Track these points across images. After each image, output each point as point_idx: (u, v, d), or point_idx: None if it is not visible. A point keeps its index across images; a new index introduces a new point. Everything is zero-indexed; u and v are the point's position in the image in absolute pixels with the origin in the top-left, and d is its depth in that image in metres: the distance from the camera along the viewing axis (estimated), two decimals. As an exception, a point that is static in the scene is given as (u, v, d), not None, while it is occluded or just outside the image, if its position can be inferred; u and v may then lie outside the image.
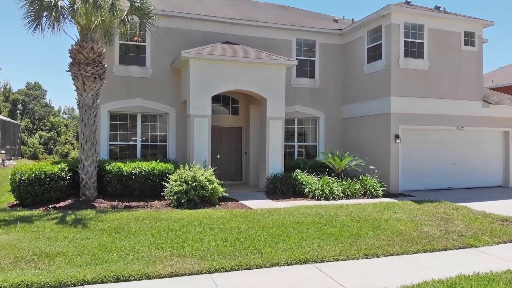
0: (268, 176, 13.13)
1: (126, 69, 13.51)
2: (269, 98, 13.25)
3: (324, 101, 15.91)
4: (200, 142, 12.48)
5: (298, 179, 12.52)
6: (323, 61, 15.89)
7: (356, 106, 15.33)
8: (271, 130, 13.30)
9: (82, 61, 11.18)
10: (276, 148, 13.32)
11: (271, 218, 8.79)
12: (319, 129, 15.90)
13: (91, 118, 11.37)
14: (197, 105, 12.51)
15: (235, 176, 15.56)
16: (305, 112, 15.66)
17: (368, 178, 12.89)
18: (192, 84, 12.46)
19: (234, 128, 15.53)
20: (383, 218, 9.11)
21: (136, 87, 13.60)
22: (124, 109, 13.52)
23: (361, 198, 12.22)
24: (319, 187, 11.90)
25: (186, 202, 10.24)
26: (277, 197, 12.04)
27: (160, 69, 13.86)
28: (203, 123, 12.54)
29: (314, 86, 15.79)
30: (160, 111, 13.87)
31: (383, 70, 13.92)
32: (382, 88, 13.92)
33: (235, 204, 10.82)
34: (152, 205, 10.62)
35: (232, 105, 15.45)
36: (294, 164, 14.09)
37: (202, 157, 12.41)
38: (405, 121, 13.73)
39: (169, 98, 13.94)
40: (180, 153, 13.87)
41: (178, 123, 13.99)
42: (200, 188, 10.49)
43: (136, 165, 11.49)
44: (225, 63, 12.73)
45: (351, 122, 15.62)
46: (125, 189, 11.43)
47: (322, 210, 9.84)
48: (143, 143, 13.83)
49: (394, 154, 13.56)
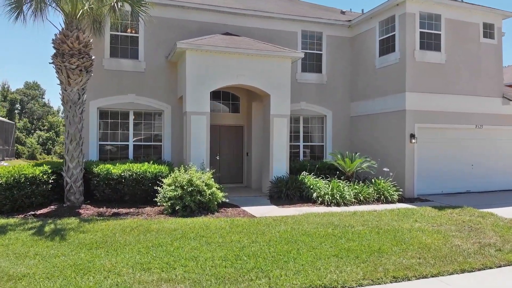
0: (272, 179, 12.02)
1: (117, 63, 12.40)
2: (273, 94, 12.13)
3: (331, 98, 14.78)
4: (197, 142, 11.36)
5: (305, 183, 11.40)
6: (331, 55, 14.76)
7: (367, 103, 14.20)
8: (275, 129, 12.17)
9: (66, 52, 10.10)
10: (280, 149, 12.20)
11: (277, 229, 7.65)
12: (326, 128, 14.77)
13: (77, 115, 10.28)
14: (194, 101, 11.39)
15: (235, 179, 14.44)
16: (311, 109, 14.52)
17: (382, 181, 11.76)
18: (189, 78, 11.34)
19: (235, 127, 14.41)
20: (405, 229, 7.99)
21: (128, 82, 12.48)
22: (115, 106, 12.40)
23: (374, 204, 11.10)
24: (329, 192, 10.77)
25: (181, 209, 9.14)
26: (282, 202, 10.92)
27: (154, 62, 12.74)
28: (201, 121, 11.42)
29: (321, 82, 14.65)
30: (154, 108, 12.75)
31: (397, 64, 12.79)
32: (396, 83, 12.79)
33: (236, 211, 9.71)
34: (144, 212, 9.55)
35: (232, 102, 14.33)
36: (300, 166, 12.96)
37: (199, 158, 11.29)
38: (421, 119, 12.61)
39: (164, 94, 12.82)
40: (176, 154, 12.75)
41: (174, 121, 12.87)
42: (197, 193, 9.38)
43: (127, 167, 10.40)
44: (225, 55, 11.61)
45: (361, 121, 14.49)
46: (114, 193, 10.36)
47: (334, 218, 8.72)
48: (136, 143, 12.72)
49: (409, 155, 12.43)
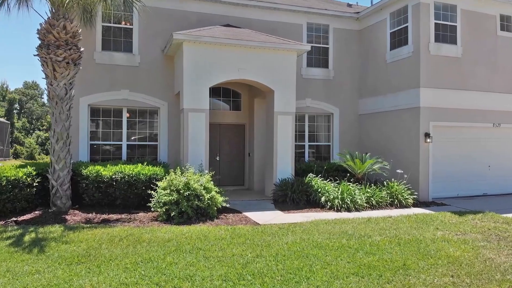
0: (276, 181, 11.14)
1: (109, 56, 11.52)
2: (278, 89, 11.25)
3: (339, 94, 13.90)
4: (195, 142, 10.49)
5: (312, 186, 10.52)
6: (338, 49, 13.88)
7: (377, 100, 13.31)
8: (280, 127, 11.29)
9: (52, 43, 9.25)
10: (285, 149, 11.32)
11: (285, 240, 6.77)
12: (333, 127, 13.89)
13: (64, 112, 9.42)
14: (192, 98, 10.52)
15: (237, 181, 13.56)
16: (317, 107, 13.64)
17: (395, 184, 10.88)
18: (187, 72, 10.46)
19: (236, 126, 13.54)
20: (427, 238, 7.11)
21: (121, 77, 11.61)
22: (107, 102, 11.53)
23: (388, 208, 10.22)
24: (338, 196, 9.89)
25: (177, 215, 8.27)
26: (288, 207, 10.04)
27: (149, 56, 11.87)
28: (199, 118, 10.55)
29: (327, 78, 13.77)
30: (149, 105, 11.87)
31: (410, 58, 11.91)
32: (409, 78, 11.91)
33: (238, 217, 8.83)
34: (136, 218, 8.69)
35: (233, 99, 13.45)
36: (306, 167, 12.08)
37: (197, 159, 10.41)
38: (435, 117, 11.72)
39: (160, 90, 11.94)
40: (173, 155, 11.88)
41: (170, 119, 11.99)
42: (195, 197, 8.51)
43: (118, 168, 9.54)
44: (226, 47, 10.74)
45: (370, 119, 13.61)
46: (105, 197, 9.51)
47: (347, 227, 7.83)
48: (130, 143, 11.84)
49: (424, 156, 11.54)
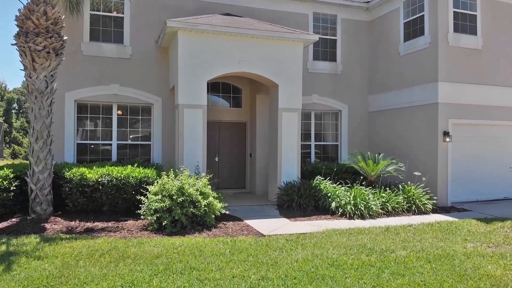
0: (281, 184, 10.14)
1: (98, 47, 10.53)
2: (282, 84, 10.25)
3: (347, 90, 12.89)
4: (192, 141, 9.49)
5: (321, 190, 9.51)
6: (346, 41, 12.88)
7: (388, 96, 12.31)
8: (284, 126, 10.29)
9: (31, 30, 8.29)
10: (290, 149, 10.32)
11: (294, 257, 5.75)
12: (341, 125, 12.88)
13: (44, 107, 8.44)
14: (188, 92, 9.52)
15: (237, 184, 12.56)
16: (324, 103, 12.64)
17: (412, 187, 9.87)
18: (182, 64, 9.47)
19: (237, 124, 12.54)
20: (459, 253, 6.10)
21: (111, 70, 10.61)
22: (95, 98, 10.53)
23: (405, 215, 9.22)
24: (351, 201, 8.89)
25: (170, 224, 7.28)
26: (294, 214, 9.03)
27: (142, 47, 10.87)
28: (196, 115, 9.55)
29: (335, 72, 12.76)
30: (142, 101, 10.87)
31: (427, 49, 10.90)
32: (426, 72, 10.90)
33: (239, 226, 7.83)
34: (125, 226, 7.71)
35: (234, 95, 12.45)
36: (313, 168, 11.07)
37: (194, 160, 9.41)
38: (455, 114, 10.72)
39: (154, 84, 10.95)
40: (168, 156, 10.88)
41: (165, 116, 10.99)
42: (190, 204, 7.51)
43: (105, 171, 8.55)
44: (225, 37, 9.74)
45: (382, 116, 12.60)
46: (90, 203, 8.53)
47: (365, 238, 6.82)
48: (121, 143, 10.84)
49: (442, 157, 10.53)
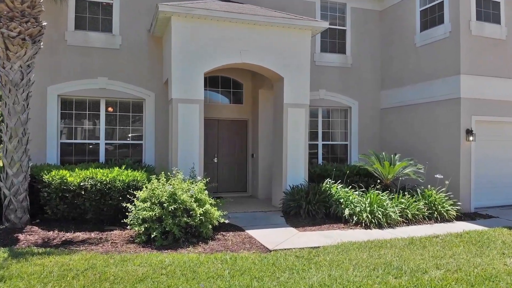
0: (286, 188, 9.12)
1: (84, 37, 9.52)
2: (288, 77, 9.22)
3: (358, 85, 11.86)
4: (187, 140, 8.47)
5: (332, 195, 8.48)
6: (356, 32, 11.85)
7: (403, 91, 11.28)
8: (290, 123, 9.27)
9: (3, 14, 7.32)
10: (297, 149, 9.30)
11: (308, 280, 4.71)
12: (351, 123, 11.85)
13: (19, 102, 7.44)
14: (183, 85, 8.50)
15: (238, 187, 11.54)
16: (333, 99, 11.61)
17: (433, 192, 8.85)
18: (176, 54, 8.45)
19: (237, 122, 11.52)
20: (502, 272, 5.07)
21: (98, 62, 9.60)
22: (81, 92, 9.51)
23: (426, 223, 8.19)
24: (367, 208, 7.86)
25: (160, 236, 6.28)
26: (302, 222, 8.00)
27: (133, 37, 9.86)
28: (191, 111, 8.53)
29: (344, 65, 11.74)
30: (133, 96, 9.85)
31: (447, 39, 9.88)
32: (447, 64, 9.88)
33: (240, 238, 6.81)
34: (109, 238, 6.71)
35: (234, 90, 11.43)
36: (321, 170, 10.04)
37: (189, 161, 8.38)
38: (478, 110, 9.69)
39: (146, 78, 9.93)
40: (161, 157, 9.86)
41: (158, 113, 9.98)
42: (183, 213, 6.50)
43: (89, 173, 7.55)
44: (225, 24, 8.72)
45: (395, 114, 11.56)
46: (72, 210, 7.54)
47: (388, 254, 5.80)
48: (109, 142, 9.82)
49: (465, 158, 9.51)
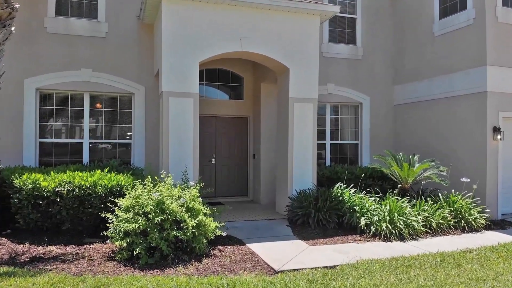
0: (292, 194, 8.09)
1: (66, 24, 8.50)
2: (294, 67, 8.20)
3: (369, 78, 10.83)
4: (179, 139, 7.45)
5: (345, 201, 7.45)
6: (368, 20, 10.83)
7: (420, 85, 10.25)
8: (297, 120, 8.25)
9: (-35, -7, 6.27)
10: (304, 149, 8.28)
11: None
12: (362, 121, 10.82)
13: (-16, 95, 6.43)
14: (175, 76, 7.48)
15: (238, 191, 10.52)
16: (342, 95, 10.58)
17: (459, 197, 7.82)
18: (167, 40, 7.43)
19: (237, 119, 10.51)
20: None
21: (82, 52, 8.59)
22: (63, 86, 8.49)
23: (452, 233, 7.17)
24: (386, 217, 6.83)
25: (145, 253, 5.26)
26: (312, 233, 6.96)
27: (121, 24, 8.84)
28: (185, 106, 7.51)
29: (355, 57, 10.71)
30: (120, 90, 8.83)
31: (470, 26, 8.86)
32: (470, 54, 8.86)
33: (240, 254, 5.79)
34: (86, 254, 5.72)
35: (233, 84, 10.42)
36: (330, 173, 9.01)
37: (182, 163, 7.37)
38: (505, 106, 8.68)
39: (135, 70, 8.91)
40: (152, 157, 8.84)
41: (149, 109, 8.96)
42: (172, 225, 5.48)
43: (66, 177, 6.54)
44: (223, 7, 7.70)
45: (411, 110, 10.54)
46: (46, 219, 6.54)
47: (420, 276, 4.76)
48: (94, 141, 8.80)
49: (492, 158, 8.49)
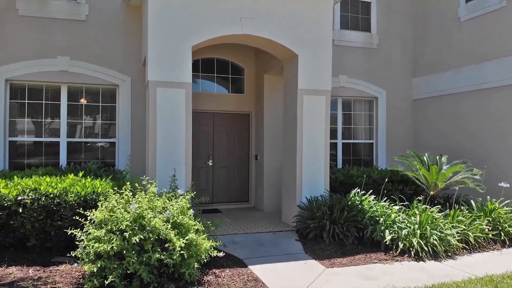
0: (302, 202, 6.95)
1: (41, 5, 7.36)
2: (304, 54, 7.06)
3: (385, 70, 9.69)
4: (169, 137, 6.31)
5: (365, 211, 6.30)
6: (384, 5, 9.68)
7: (444, 77, 9.11)
8: (307, 115, 7.10)
9: None
10: (315, 149, 7.13)
11: None
12: (377, 117, 9.69)
13: None
14: (164, 63, 6.34)
15: (238, 196, 9.39)
16: (355, 88, 9.44)
17: (497, 206, 6.67)
18: (154, 20, 6.28)
19: (237, 116, 9.38)
20: None
21: (59, 37, 7.45)
22: (37, 77, 7.34)
23: (492, 248, 6.02)
24: (416, 231, 5.67)
25: (120, 281, 4.12)
26: (327, 250, 5.81)
27: (104, 5, 7.69)
28: (175, 99, 6.37)
29: (369, 45, 9.57)
30: (102, 81, 7.69)
31: (503, 9, 7.71)
32: (504, 40, 7.71)
33: (241, 281, 4.64)
34: (50, 279, 4.71)
35: (233, 76, 9.28)
36: (345, 177, 7.85)
37: (171, 166, 6.23)
38: (546, 100, 7.57)
39: (120, 58, 7.77)
40: (140, 159, 7.70)
41: (135, 103, 7.82)
42: (155, 245, 4.34)
43: (31, 183, 5.42)
44: (220, -16, 6.57)
45: (433, 105, 9.39)
46: (8, 234, 5.42)
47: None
48: (73, 140, 7.66)
49: (532, 160, 7.37)
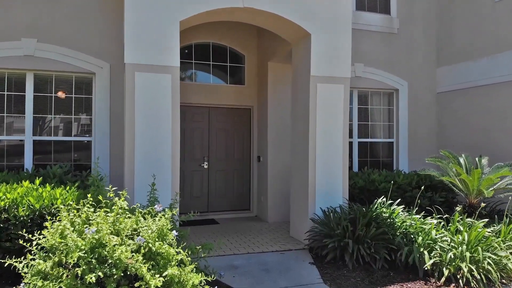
0: (316, 213, 5.71)
1: (0, -23, 6.13)
2: (317, 32, 5.81)
3: (407, 58, 8.46)
4: (150, 133, 5.08)
5: (396, 226, 5.07)
6: (403, -15, 8.48)
7: (474, 67, 7.87)
8: (321, 108, 5.86)
9: None
10: (332, 149, 5.89)
11: None
12: (398, 113, 8.45)
13: None
14: (144, 42, 5.10)
15: (237, 204, 8.15)
16: (373, 78, 8.21)
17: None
18: (133, -9, 5.06)
19: (237, 110, 8.14)
20: None
21: (23, 15, 6.21)
22: (-5, 63, 6.12)
23: (557, 275, 4.82)
24: (465, 253, 4.45)
25: (69, 337, 2.88)
26: (351, 277, 4.58)
27: (77, -21, 6.47)
28: (159, 86, 5.14)
29: (389, 30, 8.33)
30: (76, 68, 6.43)
31: (556, -20, 6.51)
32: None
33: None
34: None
35: (232, 64, 8.04)
36: (365, 182, 6.59)
37: (152, 171, 5.00)
38: None
39: (97, 40, 6.52)
40: (119, 161, 6.47)
41: (115, 94, 6.57)
42: (122, 284, 3.10)
43: (-28, 194, 4.19)
44: None
45: (462, 98, 8.15)
46: None
47: None
48: (40, 139, 6.41)
49: None
